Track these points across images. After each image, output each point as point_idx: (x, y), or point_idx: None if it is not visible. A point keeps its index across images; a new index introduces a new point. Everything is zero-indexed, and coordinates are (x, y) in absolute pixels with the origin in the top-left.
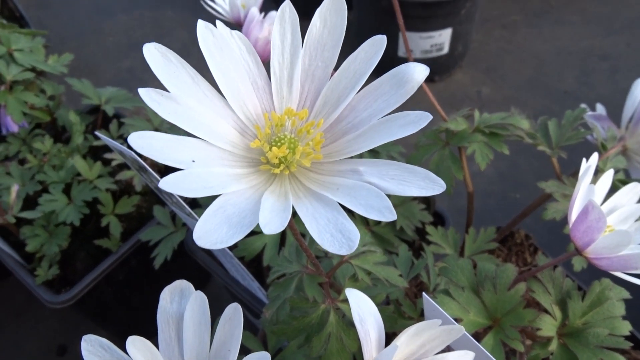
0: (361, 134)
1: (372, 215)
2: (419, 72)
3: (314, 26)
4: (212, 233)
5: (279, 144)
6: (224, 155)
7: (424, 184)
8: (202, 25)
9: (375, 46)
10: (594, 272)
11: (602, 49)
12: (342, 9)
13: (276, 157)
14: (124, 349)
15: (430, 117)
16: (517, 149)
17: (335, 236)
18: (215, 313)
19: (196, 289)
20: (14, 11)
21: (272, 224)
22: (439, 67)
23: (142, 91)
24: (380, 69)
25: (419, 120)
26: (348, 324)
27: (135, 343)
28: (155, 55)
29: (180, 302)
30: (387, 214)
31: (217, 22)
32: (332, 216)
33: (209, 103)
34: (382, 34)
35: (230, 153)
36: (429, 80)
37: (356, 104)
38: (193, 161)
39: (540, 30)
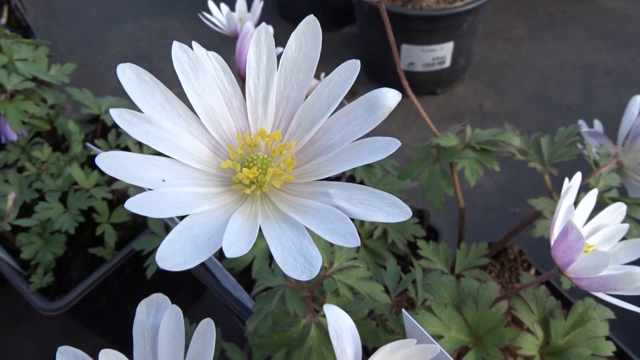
0: (332, 157)
1: (337, 241)
2: (390, 98)
3: (289, 49)
4: (176, 254)
5: (250, 164)
6: (196, 174)
7: (391, 210)
8: (176, 46)
9: (349, 70)
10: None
11: (606, 64)
12: (317, 32)
13: (247, 178)
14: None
15: (399, 143)
16: (517, 162)
17: (298, 260)
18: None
19: (192, 299)
20: (20, 21)
21: (236, 246)
22: (440, 80)
23: (113, 111)
24: (382, 80)
25: (388, 146)
26: (329, 339)
27: (109, 356)
28: (129, 75)
29: (156, 316)
30: (351, 239)
31: (193, 43)
32: (298, 240)
33: (182, 123)
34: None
35: (203, 172)
36: (430, 93)
37: (329, 127)
38: (163, 181)
39: (544, 44)
